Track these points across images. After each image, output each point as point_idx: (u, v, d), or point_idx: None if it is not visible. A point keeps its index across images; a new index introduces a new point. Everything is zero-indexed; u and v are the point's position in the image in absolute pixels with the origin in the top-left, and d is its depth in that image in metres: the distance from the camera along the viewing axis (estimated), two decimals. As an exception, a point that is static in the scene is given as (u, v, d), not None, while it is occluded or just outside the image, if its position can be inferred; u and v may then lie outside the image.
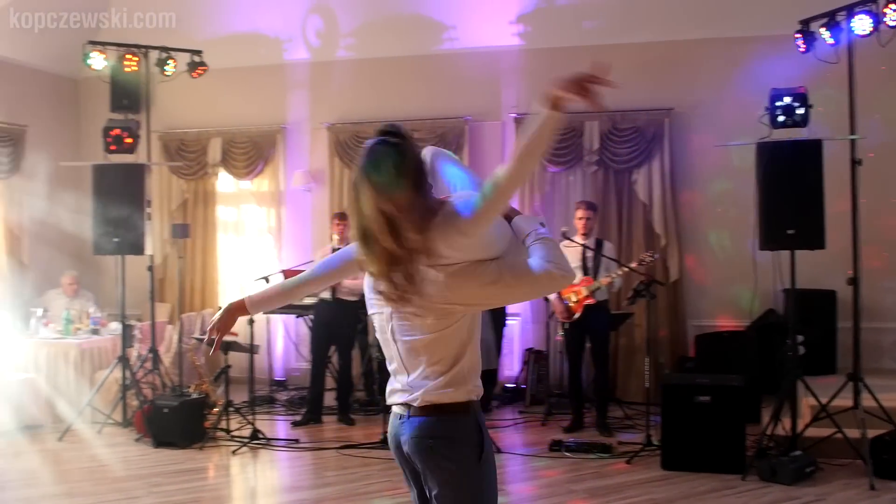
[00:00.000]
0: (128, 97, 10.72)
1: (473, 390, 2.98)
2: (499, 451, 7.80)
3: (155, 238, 10.03)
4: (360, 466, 7.62)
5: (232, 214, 11.77)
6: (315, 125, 11.14)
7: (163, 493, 6.89)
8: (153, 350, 9.12)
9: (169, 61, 9.27)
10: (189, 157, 11.48)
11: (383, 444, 7.99)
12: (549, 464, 7.64)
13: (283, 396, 10.49)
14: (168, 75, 9.39)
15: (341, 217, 9.17)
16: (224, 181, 11.62)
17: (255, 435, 8.31)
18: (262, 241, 11.46)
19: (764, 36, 9.48)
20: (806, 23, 7.84)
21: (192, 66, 9.41)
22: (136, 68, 9.06)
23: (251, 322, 8.61)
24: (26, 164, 10.72)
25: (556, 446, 7.95)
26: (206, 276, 11.56)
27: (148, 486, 7.10)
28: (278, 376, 11.14)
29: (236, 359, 9.05)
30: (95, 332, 9.68)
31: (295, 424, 9.09)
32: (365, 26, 10.96)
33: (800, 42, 7.87)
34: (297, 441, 8.42)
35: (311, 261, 9.60)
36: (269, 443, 8.31)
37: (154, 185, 11.36)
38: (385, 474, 7.27)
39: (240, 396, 9.19)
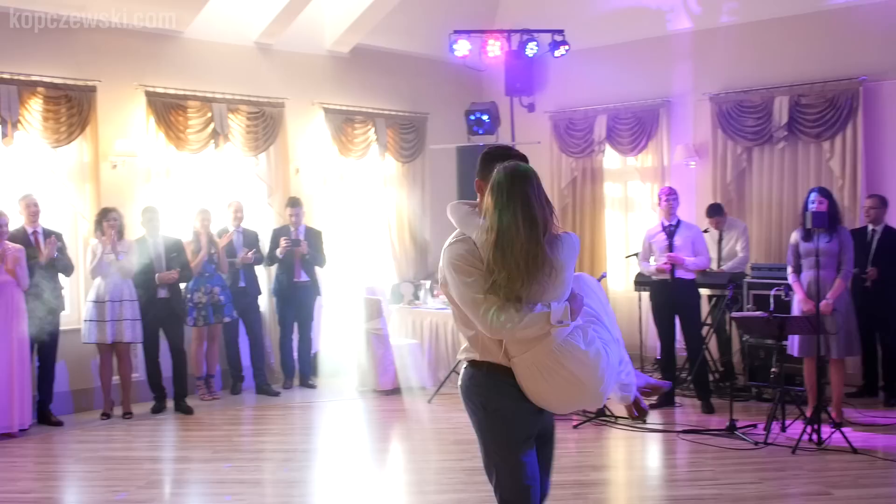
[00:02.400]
0: (520, 80, 11.28)
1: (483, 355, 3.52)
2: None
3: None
4: (687, 452, 7.29)
5: (618, 191, 11.73)
6: (698, 96, 10.67)
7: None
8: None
9: (531, 43, 9.49)
10: (576, 135, 11.66)
11: (729, 430, 7.57)
12: (905, 471, 6.65)
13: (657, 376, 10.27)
14: (530, 56, 9.62)
15: None
16: (610, 158, 11.61)
17: (602, 412, 8.28)
18: (647, 217, 11.26)
19: None
20: None
21: (554, 47, 9.54)
22: (498, 52, 9.42)
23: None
24: (427, 148, 11.70)
25: (926, 452, 6.87)
26: (594, 252, 11.67)
27: (476, 451, 7.43)
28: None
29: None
30: (476, 304, 10.25)
31: (651, 406, 8.87)
32: (750, -13, 10.26)
33: None
34: (643, 421, 8.22)
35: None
36: (616, 421, 8.23)
37: (545, 164, 11.81)
38: (709, 463, 6.90)
39: None
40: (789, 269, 8.04)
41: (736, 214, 10.19)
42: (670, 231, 8.70)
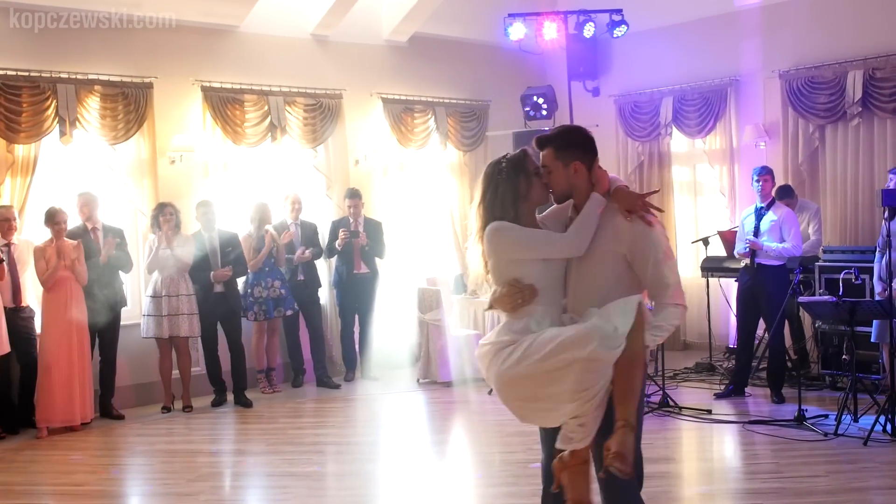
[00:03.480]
0: (584, 64, 11.04)
1: None
2: None
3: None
4: (752, 444, 6.99)
5: (686, 174, 11.37)
6: (767, 74, 10.24)
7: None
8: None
9: (588, 24, 9.23)
10: (641, 118, 11.33)
11: (798, 421, 7.23)
12: None
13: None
14: (587, 37, 9.36)
15: None
16: (677, 141, 11.26)
17: (664, 402, 8.02)
18: (717, 201, 10.89)
19: None
20: None
21: (612, 26, 9.26)
22: (554, 35, 9.18)
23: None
24: (489, 135, 11.51)
25: None
26: (663, 238, 11.31)
27: (531, 443, 7.27)
28: (732, 344, 10.49)
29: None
30: (537, 293, 10.06)
31: (717, 396, 8.56)
32: (819, -45, 9.79)
33: None
34: (708, 412, 7.93)
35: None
36: (680, 411, 7.96)
37: (611, 149, 11.53)
38: (774, 455, 6.61)
39: (688, 362, 9.94)
40: (877, 251, 7.68)
41: (808, 195, 9.77)
42: (760, 213, 8.36)
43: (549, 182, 3.65)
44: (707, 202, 11.10)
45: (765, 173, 8.42)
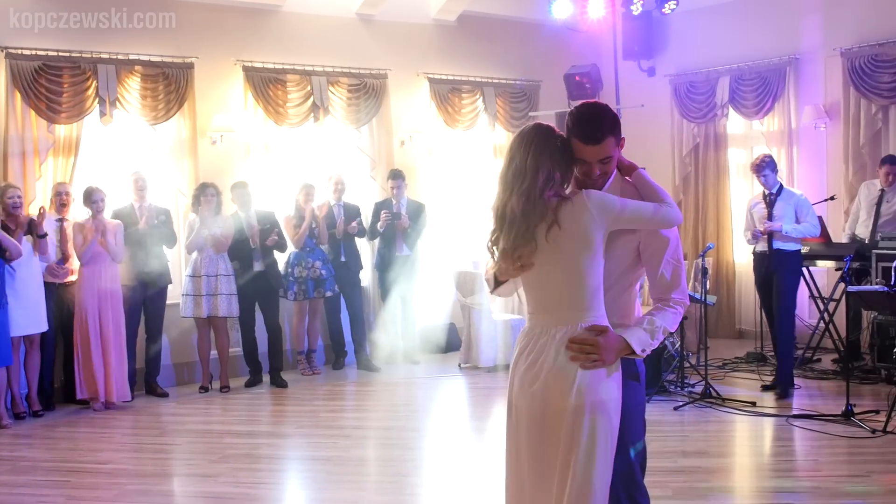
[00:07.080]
0: (638, 43, 10.75)
1: None
2: None
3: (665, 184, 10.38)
4: (793, 440, 6.69)
5: (743, 157, 10.98)
6: (828, 52, 9.79)
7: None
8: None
9: (636, 2, 8.93)
10: (697, 99, 10.95)
11: (845, 416, 6.89)
12: None
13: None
14: (635, 14, 9.06)
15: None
16: (734, 122, 10.87)
17: (706, 392, 7.74)
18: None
19: None
20: None
21: (661, 3, 8.95)
22: (601, 13, 8.91)
23: (705, 272, 8.10)
24: (533, 116, 11.22)
25: None
26: (719, 222, 10.95)
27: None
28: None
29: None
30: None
31: (764, 388, 8.24)
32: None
33: None
34: (752, 404, 7.62)
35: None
36: (722, 403, 7.67)
37: (664, 131, 11.22)
38: (815, 452, 6.33)
39: (739, 351, 9.77)
40: None
41: (870, 179, 9.34)
42: (771, 200, 8.02)
43: (607, 170, 3.25)
44: (765, 186, 10.69)
45: (764, 163, 8.00)
